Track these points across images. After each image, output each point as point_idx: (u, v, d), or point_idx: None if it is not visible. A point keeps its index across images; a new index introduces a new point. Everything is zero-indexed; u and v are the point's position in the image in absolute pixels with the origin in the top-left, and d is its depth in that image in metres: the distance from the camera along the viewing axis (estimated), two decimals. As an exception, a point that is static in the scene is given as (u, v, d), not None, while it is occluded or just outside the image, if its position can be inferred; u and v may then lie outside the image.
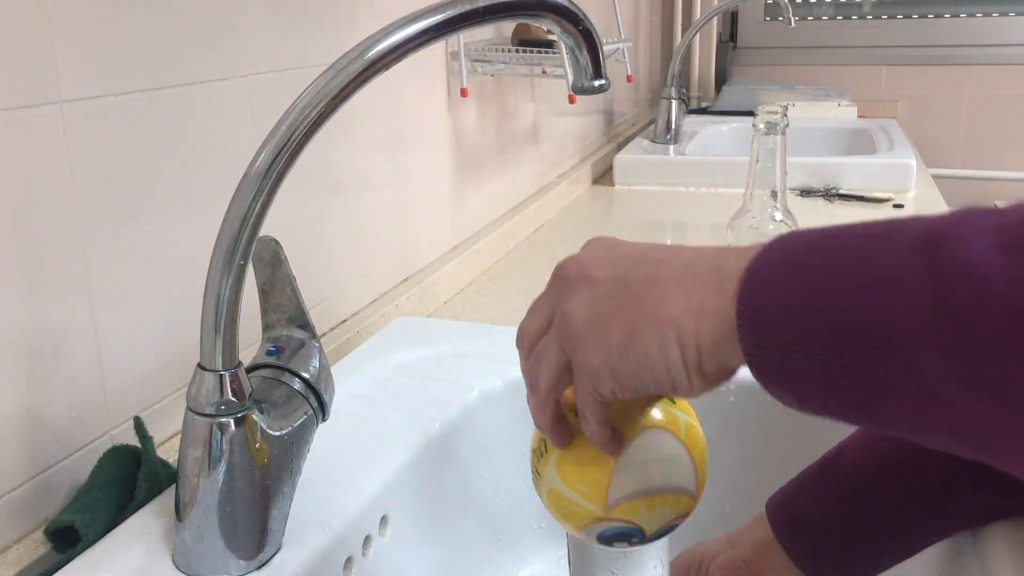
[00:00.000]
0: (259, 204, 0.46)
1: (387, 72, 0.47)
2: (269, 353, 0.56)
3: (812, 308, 0.34)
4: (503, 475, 0.75)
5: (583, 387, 0.43)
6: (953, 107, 2.52)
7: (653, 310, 0.40)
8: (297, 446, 0.54)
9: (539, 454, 0.49)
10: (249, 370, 0.55)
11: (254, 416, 0.50)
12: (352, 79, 0.46)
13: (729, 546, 0.60)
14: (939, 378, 0.31)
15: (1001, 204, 0.33)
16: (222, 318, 0.48)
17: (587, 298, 0.42)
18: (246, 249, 0.47)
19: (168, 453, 0.62)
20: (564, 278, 0.44)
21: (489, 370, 0.76)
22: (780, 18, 2.28)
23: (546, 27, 0.51)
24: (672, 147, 1.81)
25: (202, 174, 0.66)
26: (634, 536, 0.47)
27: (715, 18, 2.43)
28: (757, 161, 0.97)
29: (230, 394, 0.49)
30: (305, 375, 0.55)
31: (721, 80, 2.49)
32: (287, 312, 0.57)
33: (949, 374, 0.30)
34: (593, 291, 0.42)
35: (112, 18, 0.58)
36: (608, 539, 0.47)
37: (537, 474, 0.49)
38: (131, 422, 0.61)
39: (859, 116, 2.11)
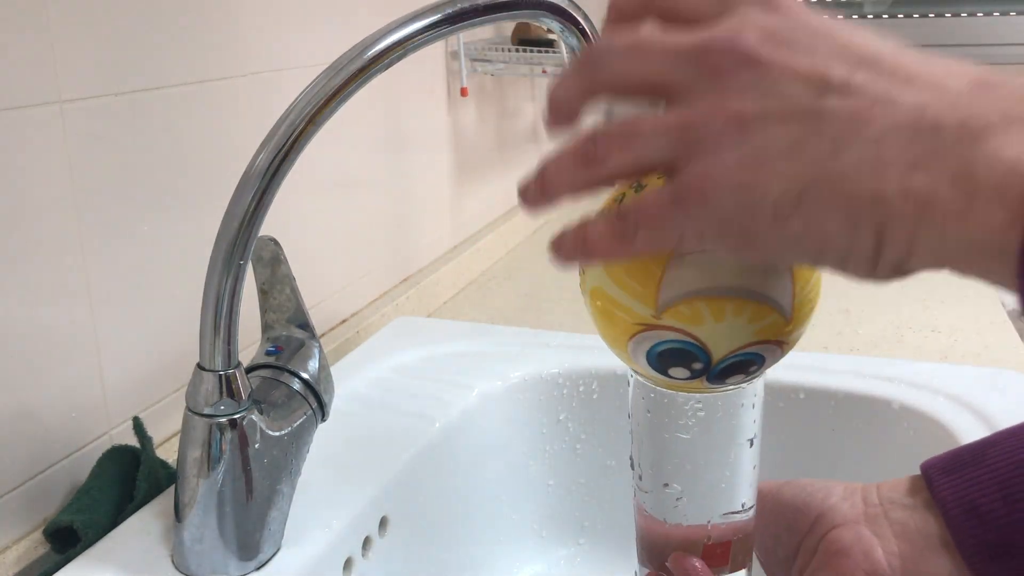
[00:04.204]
0: (258, 204, 0.46)
1: (387, 72, 0.46)
2: (269, 353, 0.56)
3: None
4: (503, 475, 0.75)
5: (674, 224, 0.30)
6: (953, 107, 2.52)
7: (854, 174, 0.26)
8: (297, 446, 0.54)
9: None
10: (249, 370, 0.55)
11: (253, 416, 0.50)
12: (352, 78, 0.46)
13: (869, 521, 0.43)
14: None
15: None
16: (222, 318, 0.48)
17: (752, 112, 0.28)
18: (246, 249, 0.47)
19: (168, 453, 0.62)
20: (723, 63, 0.29)
21: (489, 370, 0.76)
22: (780, 18, 2.28)
23: (546, 26, 0.51)
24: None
25: (202, 174, 0.66)
26: (695, 360, 0.35)
27: (715, 18, 2.42)
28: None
29: (229, 394, 0.49)
30: (305, 375, 0.55)
31: (721, 80, 2.49)
32: (287, 312, 0.57)
33: None
34: (764, 102, 0.28)
35: (112, 18, 0.58)
36: (662, 361, 0.36)
37: (582, 273, 0.39)
38: (131, 422, 0.61)
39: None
